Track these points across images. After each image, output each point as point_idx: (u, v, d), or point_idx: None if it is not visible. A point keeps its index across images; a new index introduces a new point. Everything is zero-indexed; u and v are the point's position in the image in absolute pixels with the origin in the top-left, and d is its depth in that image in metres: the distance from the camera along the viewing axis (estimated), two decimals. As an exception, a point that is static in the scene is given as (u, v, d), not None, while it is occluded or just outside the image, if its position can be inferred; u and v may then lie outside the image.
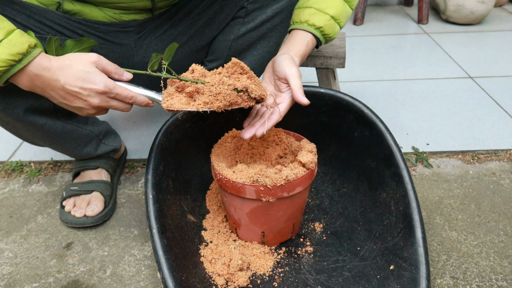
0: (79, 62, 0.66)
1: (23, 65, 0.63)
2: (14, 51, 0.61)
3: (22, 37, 0.63)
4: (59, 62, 0.66)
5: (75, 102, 0.68)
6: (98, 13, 0.85)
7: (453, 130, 1.26)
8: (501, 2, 2.39)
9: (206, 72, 0.72)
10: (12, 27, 0.63)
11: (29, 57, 0.63)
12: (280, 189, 0.72)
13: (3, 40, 0.61)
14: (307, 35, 0.82)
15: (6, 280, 0.83)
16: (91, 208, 0.94)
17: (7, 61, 0.61)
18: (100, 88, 0.66)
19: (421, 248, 0.70)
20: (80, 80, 0.65)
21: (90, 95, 0.67)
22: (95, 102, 0.68)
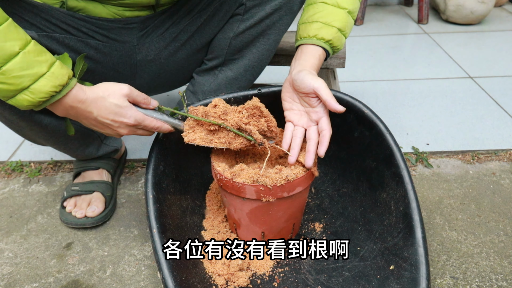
0: (112, 96, 0.70)
1: (62, 95, 0.67)
2: (56, 83, 0.65)
3: (62, 69, 0.67)
4: (93, 94, 0.70)
5: (105, 130, 0.74)
6: (102, 10, 0.85)
7: (453, 130, 1.26)
8: (501, 2, 2.39)
9: (228, 108, 0.77)
10: (53, 59, 0.67)
11: (67, 87, 0.67)
12: (280, 189, 0.72)
13: (46, 73, 0.65)
14: (317, 49, 0.82)
15: (6, 280, 0.83)
16: (91, 209, 0.94)
17: (50, 93, 0.65)
18: (131, 122, 0.72)
19: (421, 248, 0.70)
20: (112, 113, 0.71)
21: (120, 127, 0.72)
22: (124, 132, 0.74)
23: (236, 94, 0.86)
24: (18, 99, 0.65)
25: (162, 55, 0.95)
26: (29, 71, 0.63)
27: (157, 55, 0.95)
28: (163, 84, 1.03)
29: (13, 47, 0.63)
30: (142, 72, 0.96)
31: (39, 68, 0.64)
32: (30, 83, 0.64)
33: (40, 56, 0.65)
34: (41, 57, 0.65)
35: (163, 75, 0.99)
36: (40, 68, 0.64)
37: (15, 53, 0.63)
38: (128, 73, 0.94)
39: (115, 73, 0.92)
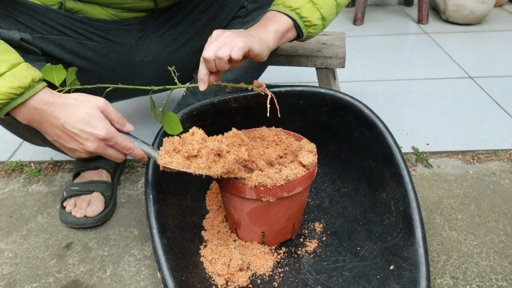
0: (85, 104, 0.64)
1: (24, 99, 0.62)
2: (15, 84, 0.60)
3: (27, 70, 0.62)
4: (63, 99, 0.64)
5: (70, 143, 0.65)
6: (100, 12, 0.85)
7: (453, 130, 1.26)
8: (501, 2, 2.39)
9: (206, 137, 0.72)
10: (19, 60, 0.63)
11: (31, 91, 0.62)
12: (280, 189, 0.72)
13: (5, 72, 0.60)
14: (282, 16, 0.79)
15: (6, 280, 0.83)
16: (91, 209, 0.94)
17: (7, 94, 0.60)
18: (101, 134, 0.64)
19: (421, 248, 0.70)
20: (82, 122, 0.63)
21: (89, 139, 0.64)
22: (92, 147, 0.65)
23: (236, 94, 0.86)
24: None
25: (161, 56, 0.95)
26: None
27: (156, 56, 0.95)
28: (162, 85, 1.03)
29: None
30: (141, 73, 0.96)
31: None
32: None
33: (3, 55, 0.61)
34: (3, 56, 0.61)
35: (163, 76, 0.99)
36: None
37: None
38: (126, 74, 0.94)
39: (113, 74, 0.92)
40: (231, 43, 0.70)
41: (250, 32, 0.76)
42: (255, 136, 0.85)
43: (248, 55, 0.73)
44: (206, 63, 0.71)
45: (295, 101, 0.89)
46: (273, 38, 0.78)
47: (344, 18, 2.30)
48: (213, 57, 0.70)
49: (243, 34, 0.72)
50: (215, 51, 0.69)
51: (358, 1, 2.16)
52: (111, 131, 0.65)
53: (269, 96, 0.76)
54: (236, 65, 0.75)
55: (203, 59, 0.71)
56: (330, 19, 0.84)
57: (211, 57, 0.70)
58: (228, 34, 0.72)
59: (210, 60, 0.70)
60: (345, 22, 2.25)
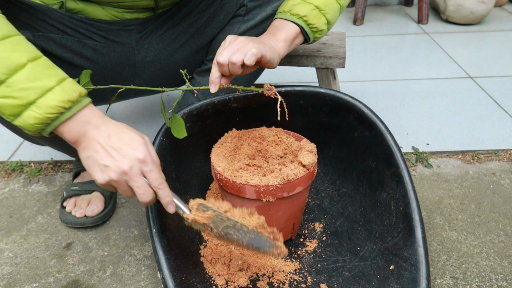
0: (131, 130, 0.65)
1: (72, 113, 0.62)
2: (65, 98, 0.60)
3: (74, 85, 0.62)
4: (110, 121, 0.64)
5: (105, 159, 0.62)
6: (101, 12, 0.85)
7: (453, 130, 1.26)
8: (501, 2, 2.39)
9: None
10: (65, 75, 0.63)
11: (79, 105, 0.62)
12: (280, 189, 0.72)
13: (55, 87, 0.60)
14: (290, 24, 0.81)
15: (6, 280, 0.83)
16: (91, 208, 0.94)
17: (57, 108, 0.60)
18: (140, 156, 0.62)
19: (421, 248, 0.70)
20: (125, 141, 0.63)
21: (126, 157, 0.62)
22: (126, 165, 0.61)
23: (236, 94, 0.86)
24: (24, 116, 0.60)
25: (161, 56, 0.95)
26: (36, 83, 0.59)
27: (156, 56, 0.95)
28: (162, 85, 1.03)
29: (20, 58, 0.59)
30: (141, 72, 0.96)
31: (48, 81, 0.60)
32: (37, 97, 0.59)
33: (51, 70, 0.62)
34: (51, 70, 0.61)
35: (163, 76, 0.99)
36: (49, 81, 0.60)
37: (22, 64, 0.59)
38: (127, 73, 0.94)
39: (113, 74, 0.92)
40: (244, 48, 0.71)
41: (261, 39, 0.77)
42: (255, 136, 0.85)
43: (260, 61, 0.75)
44: (220, 67, 0.73)
45: (295, 101, 0.89)
46: (283, 46, 0.80)
47: (344, 18, 2.30)
48: (226, 62, 0.71)
49: (256, 41, 0.74)
50: (229, 56, 0.71)
51: (358, 1, 2.16)
52: (149, 157, 0.63)
53: (279, 100, 0.77)
54: (248, 71, 0.77)
55: (217, 63, 0.72)
56: (334, 22, 0.86)
57: (225, 61, 0.71)
58: (242, 40, 0.73)
59: (224, 64, 0.71)
60: (345, 22, 2.25)
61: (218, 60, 0.71)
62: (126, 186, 0.63)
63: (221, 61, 0.71)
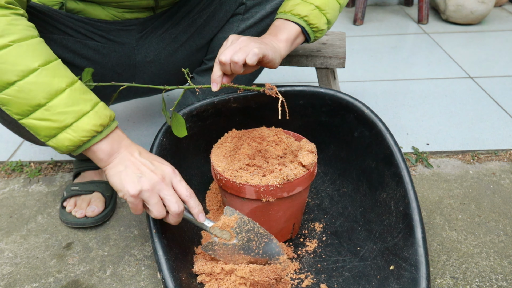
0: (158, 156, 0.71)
1: (103, 136, 0.66)
2: (98, 122, 0.64)
3: (105, 109, 0.66)
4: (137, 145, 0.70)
5: (137, 170, 0.66)
6: (101, 12, 0.85)
7: (453, 130, 1.26)
8: (501, 2, 2.39)
9: None
10: (97, 100, 0.66)
11: (108, 129, 0.66)
12: (280, 189, 0.72)
13: (90, 111, 0.64)
14: (291, 25, 0.81)
15: (6, 280, 0.83)
16: (91, 209, 0.94)
17: (91, 132, 0.64)
18: (170, 169, 0.68)
19: (421, 248, 0.70)
20: (154, 157, 0.69)
21: (155, 171, 0.66)
22: (159, 176, 0.66)
23: (236, 94, 0.86)
24: (60, 138, 0.63)
25: (162, 55, 0.95)
26: (74, 107, 0.63)
27: (156, 55, 0.95)
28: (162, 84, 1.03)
29: (60, 84, 0.62)
30: (141, 73, 0.96)
31: (84, 106, 0.64)
32: (74, 121, 0.63)
33: (86, 94, 0.65)
34: (86, 95, 0.65)
35: (163, 75, 0.99)
36: (84, 106, 0.64)
37: (62, 89, 0.62)
38: (127, 74, 0.94)
39: (114, 74, 0.92)
40: (246, 48, 0.71)
41: (263, 39, 0.77)
42: (255, 136, 0.85)
43: (262, 61, 0.75)
44: (222, 66, 0.73)
45: (295, 101, 0.89)
46: (284, 47, 0.80)
47: (344, 18, 2.30)
48: (228, 61, 0.71)
49: (258, 41, 0.74)
50: (231, 55, 0.71)
51: (358, 1, 2.16)
52: (177, 171, 0.69)
53: (280, 99, 0.77)
54: (249, 70, 0.77)
55: (219, 62, 0.73)
56: (334, 22, 0.87)
57: (227, 60, 0.71)
58: (244, 40, 0.73)
59: (226, 63, 0.72)
60: (345, 22, 2.25)
61: (221, 59, 0.72)
62: (157, 197, 0.66)
63: (223, 60, 0.71)
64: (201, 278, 0.72)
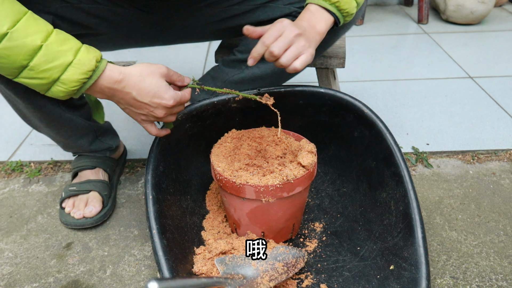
0: (151, 76, 0.69)
1: (94, 80, 0.66)
2: (84, 69, 0.64)
3: (89, 53, 0.65)
4: (130, 74, 0.68)
5: (141, 110, 0.71)
6: None
7: (453, 130, 1.26)
8: (501, 2, 2.39)
9: None
10: (79, 45, 0.66)
11: (98, 71, 0.66)
12: (280, 189, 0.72)
13: (73, 61, 0.64)
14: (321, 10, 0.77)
15: (6, 280, 0.83)
16: (89, 209, 0.94)
17: (80, 80, 0.65)
18: (169, 103, 0.70)
19: (421, 248, 0.70)
20: (151, 94, 0.69)
21: (158, 108, 0.70)
22: (160, 114, 0.71)
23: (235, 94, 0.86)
24: (54, 91, 0.65)
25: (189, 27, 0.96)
26: (55, 62, 0.63)
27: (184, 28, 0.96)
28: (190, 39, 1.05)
29: (34, 41, 0.61)
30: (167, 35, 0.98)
31: (65, 58, 0.63)
32: (59, 74, 0.64)
33: (64, 45, 0.64)
34: (65, 45, 0.64)
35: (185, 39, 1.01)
36: (65, 57, 0.63)
37: (38, 47, 0.62)
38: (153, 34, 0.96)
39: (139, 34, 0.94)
40: (298, 50, 0.71)
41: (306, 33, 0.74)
42: (254, 136, 0.85)
43: None
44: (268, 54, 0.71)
45: (295, 101, 0.89)
46: (318, 41, 0.78)
47: (344, 18, 2.30)
48: (278, 55, 0.70)
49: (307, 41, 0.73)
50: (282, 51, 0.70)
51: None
52: (176, 96, 0.70)
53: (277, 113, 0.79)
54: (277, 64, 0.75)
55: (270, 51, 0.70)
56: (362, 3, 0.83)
57: (277, 54, 0.70)
58: (297, 35, 0.72)
59: (273, 54, 0.70)
60: (345, 22, 2.24)
61: (273, 50, 0.70)
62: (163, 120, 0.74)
63: (275, 53, 0.70)
64: None
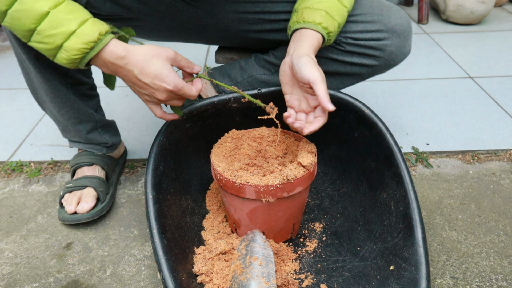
0: (156, 57, 0.69)
1: (96, 52, 0.68)
2: (86, 39, 0.66)
3: (94, 25, 0.67)
4: (135, 52, 0.69)
5: (143, 90, 0.72)
6: None
7: (453, 130, 1.26)
8: (501, 2, 2.39)
9: None
10: (86, 17, 0.68)
11: (100, 44, 0.67)
12: (280, 189, 0.72)
13: (76, 30, 0.66)
14: (319, 36, 0.80)
15: (6, 280, 0.83)
16: (81, 206, 0.94)
17: (81, 50, 0.67)
18: (170, 87, 0.70)
19: (421, 249, 0.70)
20: (152, 75, 0.69)
21: (159, 90, 0.71)
22: (161, 96, 0.72)
23: (236, 94, 0.86)
24: (58, 57, 0.68)
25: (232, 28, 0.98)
26: (59, 29, 0.65)
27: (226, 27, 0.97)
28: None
29: (42, 7, 0.64)
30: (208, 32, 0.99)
31: (68, 26, 0.65)
32: (63, 41, 0.66)
33: (71, 14, 0.66)
34: (71, 15, 0.66)
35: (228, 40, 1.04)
36: (69, 26, 0.65)
37: (45, 13, 0.65)
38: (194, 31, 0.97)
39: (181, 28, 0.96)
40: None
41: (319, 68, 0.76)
42: (255, 136, 0.85)
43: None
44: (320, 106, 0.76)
45: (295, 101, 0.89)
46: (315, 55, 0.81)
47: (344, 18, 2.30)
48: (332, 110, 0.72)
49: None
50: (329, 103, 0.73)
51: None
52: (177, 83, 0.70)
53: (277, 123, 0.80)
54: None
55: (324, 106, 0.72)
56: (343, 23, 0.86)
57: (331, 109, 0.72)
58: None
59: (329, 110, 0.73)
60: (345, 22, 2.25)
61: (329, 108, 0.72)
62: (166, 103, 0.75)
63: (330, 109, 0.72)
64: (201, 279, 0.72)
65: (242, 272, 0.70)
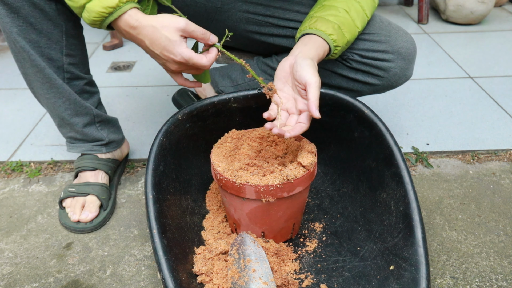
0: (166, 28, 0.71)
1: (114, 17, 0.71)
2: (105, 4, 0.69)
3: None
4: (146, 23, 0.71)
5: (157, 59, 0.75)
6: None
7: (453, 130, 1.26)
8: (501, 2, 2.39)
9: None
10: None
11: (119, 11, 0.71)
12: (280, 189, 0.72)
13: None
14: (326, 46, 0.82)
15: (6, 280, 0.83)
16: (84, 214, 0.93)
17: (100, 13, 0.70)
18: (177, 59, 0.72)
19: (421, 249, 0.70)
20: (161, 47, 0.72)
21: (168, 61, 0.74)
22: (172, 67, 0.75)
23: (236, 94, 0.86)
24: (83, 16, 0.73)
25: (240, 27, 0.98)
26: None
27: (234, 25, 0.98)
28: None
29: None
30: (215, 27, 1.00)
31: None
32: (86, 2, 0.70)
33: None
34: None
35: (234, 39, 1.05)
36: None
37: None
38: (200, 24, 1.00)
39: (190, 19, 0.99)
40: None
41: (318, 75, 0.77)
42: (255, 136, 0.85)
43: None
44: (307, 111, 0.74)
45: (295, 101, 0.89)
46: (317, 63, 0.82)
47: (344, 18, 2.30)
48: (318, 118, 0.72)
49: None
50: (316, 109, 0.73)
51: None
52: (185, 54, 0.72)
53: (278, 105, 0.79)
54: None
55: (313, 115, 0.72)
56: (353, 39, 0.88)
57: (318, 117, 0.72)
58: None
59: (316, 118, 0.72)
60: (345, 22, 2.25)
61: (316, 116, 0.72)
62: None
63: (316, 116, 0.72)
64: (201, 278, 0.72)
65: (240, 276, 0.70)
